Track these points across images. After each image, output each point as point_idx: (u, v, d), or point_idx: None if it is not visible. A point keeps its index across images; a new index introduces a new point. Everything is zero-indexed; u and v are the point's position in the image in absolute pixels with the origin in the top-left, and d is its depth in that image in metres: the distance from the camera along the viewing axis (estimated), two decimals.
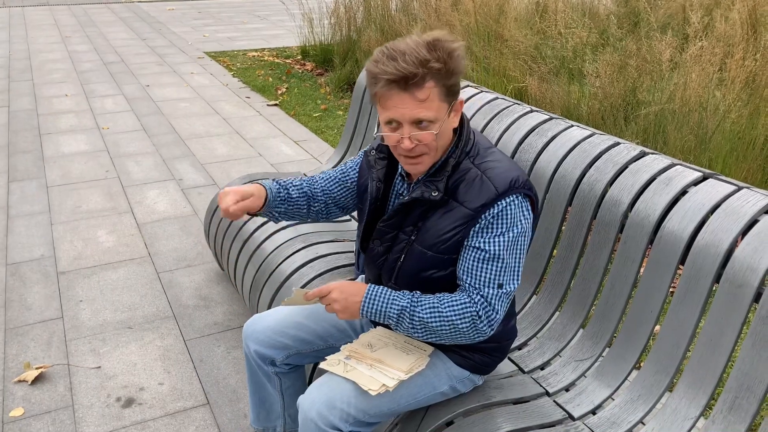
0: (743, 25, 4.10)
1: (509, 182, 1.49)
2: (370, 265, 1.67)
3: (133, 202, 4.10)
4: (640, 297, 1.80)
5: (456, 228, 1.51)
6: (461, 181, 1.52)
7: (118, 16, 12.18)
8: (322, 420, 1.51)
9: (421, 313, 1.51)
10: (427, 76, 1.39)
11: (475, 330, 1.51)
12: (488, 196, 1.48)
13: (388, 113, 1.44)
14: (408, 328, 1.53)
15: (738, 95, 3.65)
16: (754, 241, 1.55)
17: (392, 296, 1.54)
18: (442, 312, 1.50)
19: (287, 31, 10.67)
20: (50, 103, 6.23)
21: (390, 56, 1.39)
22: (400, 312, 1.52)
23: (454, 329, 1.50)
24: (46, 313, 2.92)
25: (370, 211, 1.67)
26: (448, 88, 1.44)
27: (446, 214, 1.52)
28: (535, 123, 2.30)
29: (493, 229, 1.49)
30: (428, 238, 1.54)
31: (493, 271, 1.50)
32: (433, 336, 1.53)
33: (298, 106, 6.38)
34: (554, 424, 1.69)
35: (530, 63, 5.13)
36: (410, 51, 1.38)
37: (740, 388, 1.54)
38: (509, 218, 1.49)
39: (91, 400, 2.39)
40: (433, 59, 1.38)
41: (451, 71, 1.42)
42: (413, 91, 1.39)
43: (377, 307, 1.53)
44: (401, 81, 1.38)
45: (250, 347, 1.81)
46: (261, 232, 2.65)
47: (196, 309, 2.97)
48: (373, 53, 1.45)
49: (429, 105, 1.41)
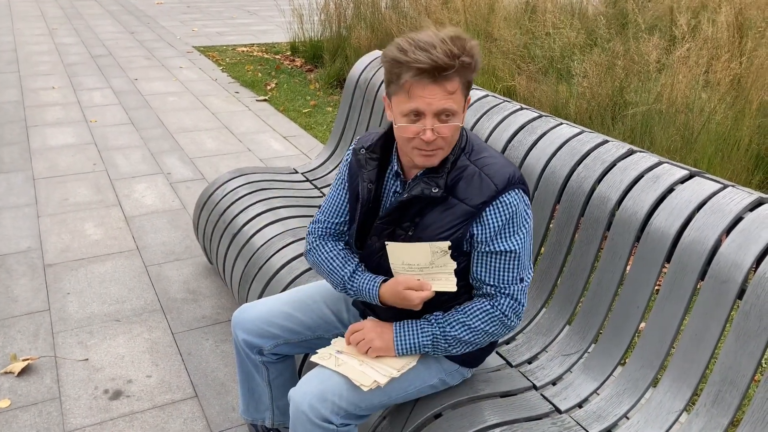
0: (729, 28, 4.15)
1: (507, 178, 1.53)
2: (368, 260, 1.68)
3: (121, 196, 4.08)
4: (627, 293, 1.82)
5: (457, 225, 1.54)
6: (460, 178, 1.54)
7: (105, 9, 12.09)
8: (313, 412, 1.52)
9: (452, 332, 1.57)
10: (458, 69, 1.41)
11: (505, 327, 1.59)
12: (488, 193, 1.52)
13: (414, 103, 1.43)
14: (445, 349, 1.60)
15: (723, 97, 3.70)
16: (739, 238, 1.59)
17: (419, 326, 1.59)
18: (471, 324, 1.57)
19: (277, 27, 10.64)
20: (37, 96, 6.18)
21: (419, 47, 1.40)
22: (433, 339, 1.58)
23: (486, 334, 1.59)
24: (32, 305, 2.90)
25: (363, 212, 1.66)
26: (468, 83, 1.47)
27: (446, 211, 1.54)
28: (525, 120, 2.32)
29: (507, 230, 1.54)
30: (427, 234, 1.55)
31: (514, 270, 1.57)
32: (469, 347, 1.60)
33: (288, 101, 6.37)
34: (541, 417, 1.71)
35: (519, 62, 5.16)
36: (439, 44, 1.40)
37: (723, 382, 1.57)
38: (518, 216, 1.54)
39: (79, 392, 2.39)
40: (464, 54, 1.41)
41: (474, 67, 1.45)
42: (443, 82, 1.41)
43: (409, 341, 1.59)
44: (433, 71, 1.39)
45: (238, 336, 1.82)
46: (250, 227, 2.66)
47: (184, 302, 2.97)
48: (394, 43, 1.45)
49: (455, 98, 1.44)
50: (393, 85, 1.46)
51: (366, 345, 1.60)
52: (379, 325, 1.63)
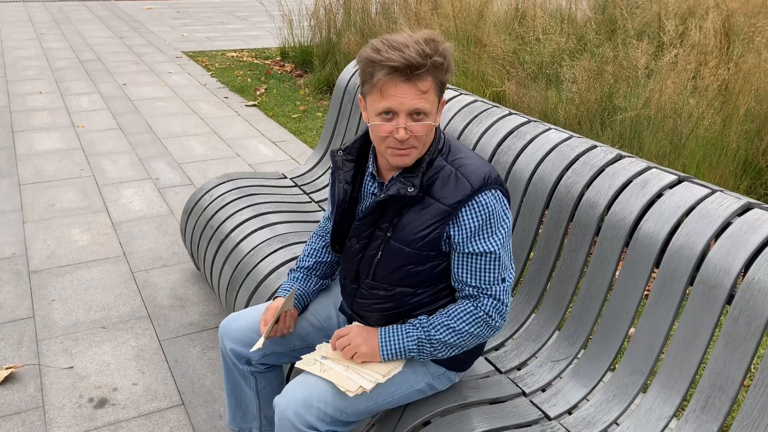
0: (717, 35, 4.18)
1: (483, 178, 1.54)
2: (348, 262, 1.69)
3: (108, 201, 4.04)
4: (616, 298, 1.82)
5: (433, 225, 1.54)
6: (436, 179, 1.55)
7: (94, 14, 12.03)
8: (299, 419, 1.50)
9: (437, 336, 1.56)
10: (430, 69, 1.43)
11: (490, 328, 1.59)
12: (464, 193, 1.52)
13: (387, 102, 1.45)
14: (431, 353, 1.59)
15: (711, 103, 3.72)
16: (727, 243, 1.58)
17: (404, 330, 1.59)
18: (455, 327, 1.56)
19: (267, 32, 10.63)
20: (24, 100, 6.13)
21: (392, 47, 1.42)
22: (418, 343, 1.58)
23: (471, 336, 1.58)
24: (16, 312, 2.86)
25: (339, 212, 1.68)
26: (441, 84, 1.49)
27: (423, 210, 1.55)
28: (514, 126, 2.31)
29: (485, 231, 1.54)
30: (405, 234, 1.56)
31: (495, 270, 1.56)
32: (455, 349, 1.60)
33: (277, 107, 6.36)
34: (530, 424, 1.70)
35: (508, 68, 5.17)
36: (412, 44, 1.42)
37: (713, 387, 1.56)
38: (495, 216, 1.54)
39: (63, 401, 2.35)
40: (436, 54, 1.43)
41: (447, 67, 1.47)
42: (416, 81, 1.43)
43: (394, 345, 1.59)
44: (405, 69, 1.41)
45: (226, 346, 1.80)
46: (238, 232, 2.63)
47: (171, 309, 2.94)
48: (369, 44, 1.47)
49: (428, 97, 1.46)
50: (367, 85, 1.48)
51: (351, 351, 1.59)
52: (364, 330, 1.62)
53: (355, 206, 1.70)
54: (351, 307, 1.73)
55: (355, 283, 1.69)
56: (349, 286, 1.72)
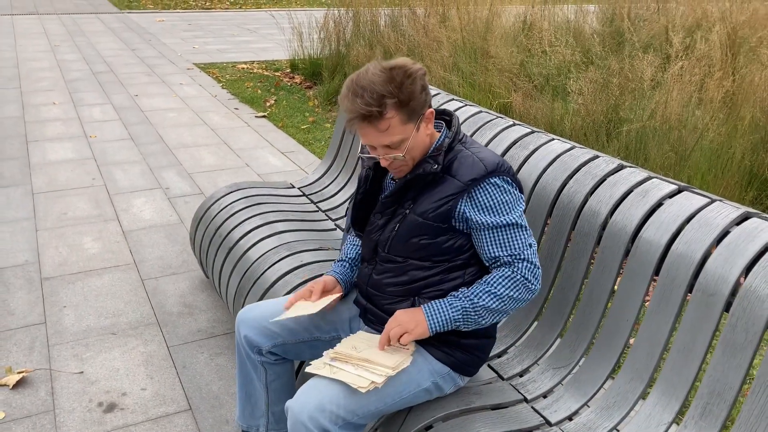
0: (722, 47, 4.20)
1: (497, 164, 1.68)
2: (367, 238, 1.83)
3: (119, 210, 4.10)
4: (617, 306, 1.84)
5: (447, 197, 1.67)
6: (455, 159, 1.71)
7: (107, 26, 12.20)
8: (312, 423, 1.54)
9: (480, 302, 1.65)
10: (384, 109, 1.56)
11: (528, 291, 1.67)
12: (478, 172, 1.66)
13: (362, 140, 1.66)
14: (477, 321, 1.67)
15: (716, 114, 3.74)
16: (726, 252, 1.61)
17: (447, 303, 1.67)
18: (496, 292, 1.65)
19: (277, 45, 10.73)
20: (38, 111, 6.23)
21: (354, 92, 1.57)
22: (463, 312, 1.65)
23: (512, 300, 1.66)
24: (29, 318, 2.92)
25: (360, 192, 1.85)
26: (409, 112, 1.61)
27: (439, 186, 1.69)
28: (518, 136, 2.35)
29: (504, 207, 1.67)
30: (421, 206, 1.69)
31: (521, 237, 1.67)
32: (498, 315, 1.68)
33: (286, 118, 6.42)
34: (532, 430, 1.72)
35: (515, 80, 5.21)
36: (369, 86, 1.55)
37: (711, 394, 1.58)
38: (510, 195, 1.68)
39: (73, 405, 2.39)
40: (388, 94, 1.56)
41: (407, 98, 1.59)
42: (375, 123, 1.58)
43: (441, 317, 1.66)
44: (361, 117, 1.57)
45: (241, 332, 1.88)
46: (246, 240, 2.68)
47: (180, 316, 2.98)
48: (344, 84, 1.62)
49: (391, 132, 1.60)
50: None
51: (401, 330, 1.65)
52: (408, 312, 1.69)
53: (376, 191, 1.87)
54: (366, 287, 1.84)
55: (372, 261, 1.81)
56: (366, 267, 1.85)
